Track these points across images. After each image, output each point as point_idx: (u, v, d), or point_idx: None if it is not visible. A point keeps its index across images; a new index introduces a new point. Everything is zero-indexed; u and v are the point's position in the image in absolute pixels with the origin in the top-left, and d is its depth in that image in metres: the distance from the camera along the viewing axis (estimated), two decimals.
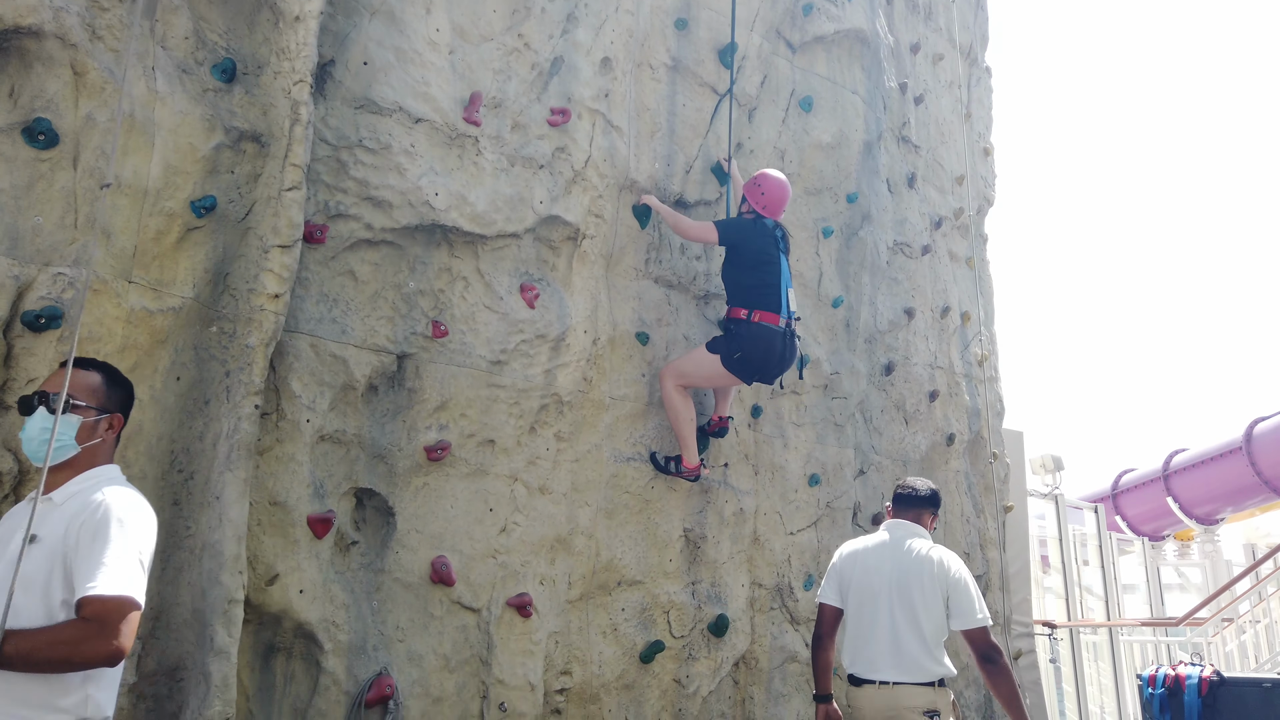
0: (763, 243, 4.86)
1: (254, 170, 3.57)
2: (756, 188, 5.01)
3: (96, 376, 2.42)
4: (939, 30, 8.33)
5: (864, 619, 3.94)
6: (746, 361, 4.72)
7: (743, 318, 4.75)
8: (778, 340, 4.76)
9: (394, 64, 3.99)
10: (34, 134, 3.02)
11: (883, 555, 4.02)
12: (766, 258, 4.83)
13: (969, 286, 8.30)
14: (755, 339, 4.71)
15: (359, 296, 3.94)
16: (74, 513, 2.19)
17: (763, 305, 4.75)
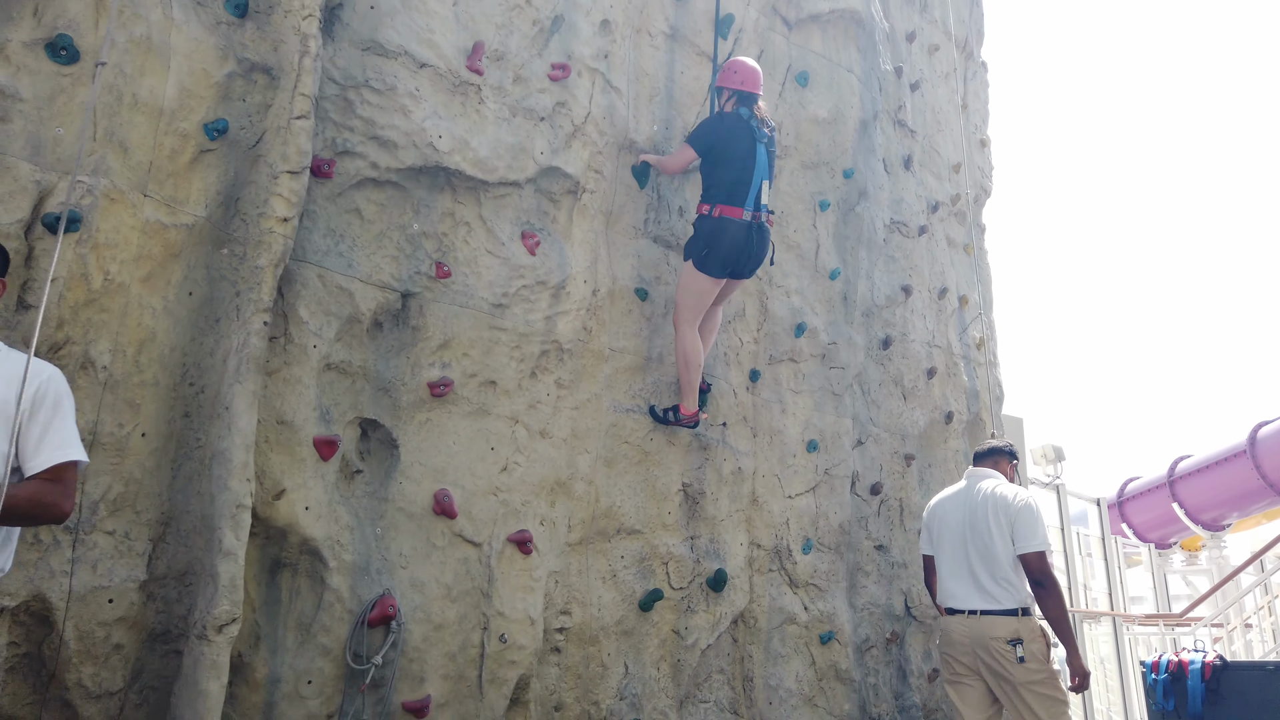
0: (735, 137, 4.91)
1: (264, 101, 3.71)
2: (730, 72, 5.10)
3: None
4: (935, 22, 8.52)
5: (947, 557, 4.45)
6: (714, 256, 4.79)
7: (705, 213, 4.87)
8: (741, 232, 4.84)
9: (400, 9, 4.15)
10: (56, 49, 3.17)
11: (959, 499, 4.56)
12: (738, 152, 4.89)
13: (967, 272, 8.41)
14: (718, 233, 4.80)
15: (365, 234, 4.06)
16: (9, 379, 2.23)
17: (726, 200, 4.83)
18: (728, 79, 5.12)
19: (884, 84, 7.27)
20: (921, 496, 7.01)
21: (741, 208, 4.85)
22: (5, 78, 3.05)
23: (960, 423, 7.58)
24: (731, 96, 5.11)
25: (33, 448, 2.24)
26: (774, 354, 5.98)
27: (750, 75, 5.09)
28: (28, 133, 3.10)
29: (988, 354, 8.54)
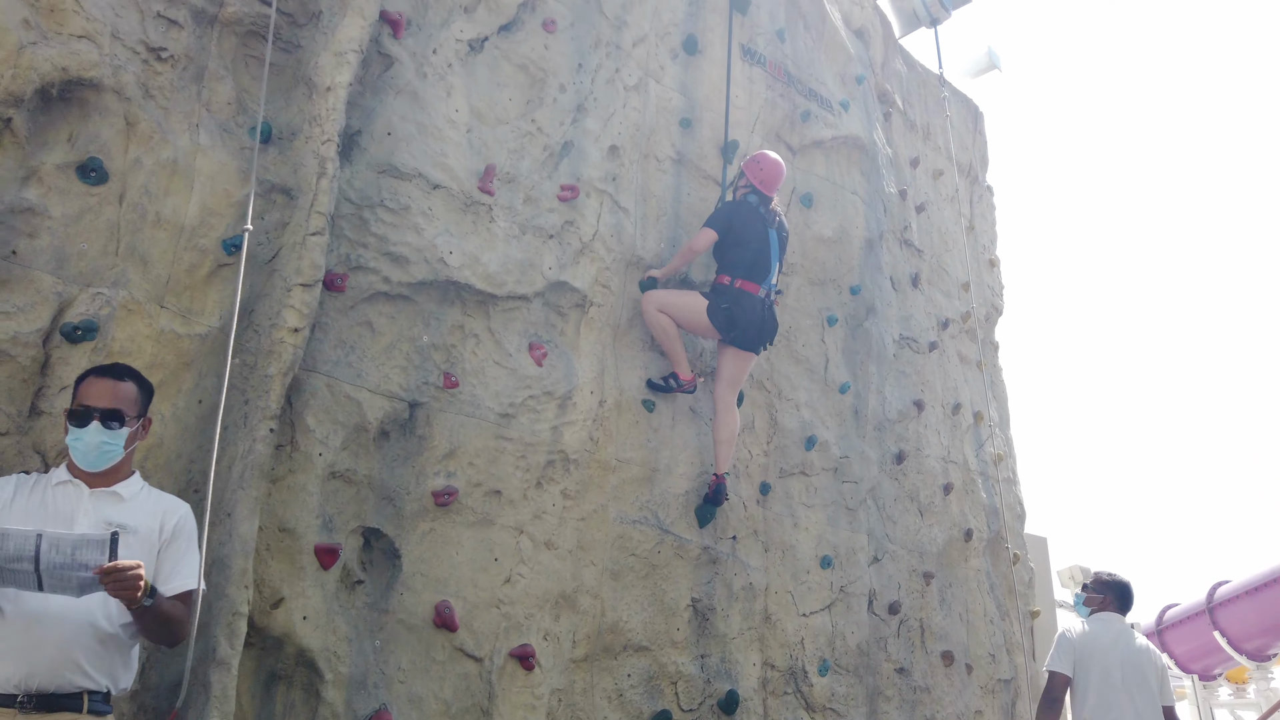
0: (750, 221, 5.23)
1: (282, 219, 3.89)
2: (755, 164, 5.43)
3: (133, 388, 2.76)
4: (938, 149, 8.82)
5: (1102, 688, 4.90)
6: (730, 318, 5.06)
7: (726, 284, 5.14)
8: (757, 307, 5.15)
9: (415, 136, 4.38)
10: (86, 171, 3.37)
11: (1115, 637, 5.04)
12: (754, 234, 5.21)
13: (981, 388, 8.41)
14: (739, 302, 5.09)
15: (375, 345, 4.17)
16: (154, 512, 2.72)
17: (746, 275, 5.14)
18: (753, 171, 5.44)
19: (889, 205, 7.47)
20: (943, 617, 6.81)
21: (759, 285, 5.17)
22: (36, 197, 3.24)
23: (980, 541, 7.42)
24: (748, 187, 5.41)
25: (168, 571, 2.67)
26: (785, 467, 5.95)
27: (771, 177, 5.42)
28: (54, 248, 3.26)
29: (1007, 471, 8.44)
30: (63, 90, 3.33)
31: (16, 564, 2.28)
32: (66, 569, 2.30)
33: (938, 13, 8.80)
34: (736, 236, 5.21)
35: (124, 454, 2.70)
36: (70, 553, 2.30)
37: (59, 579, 2.32)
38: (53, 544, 2.29)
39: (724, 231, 5.22)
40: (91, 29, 3.40)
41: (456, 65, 4.64)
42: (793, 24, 6.94)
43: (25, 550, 2.27)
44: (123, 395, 2.68)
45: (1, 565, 2.27)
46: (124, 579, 2.35)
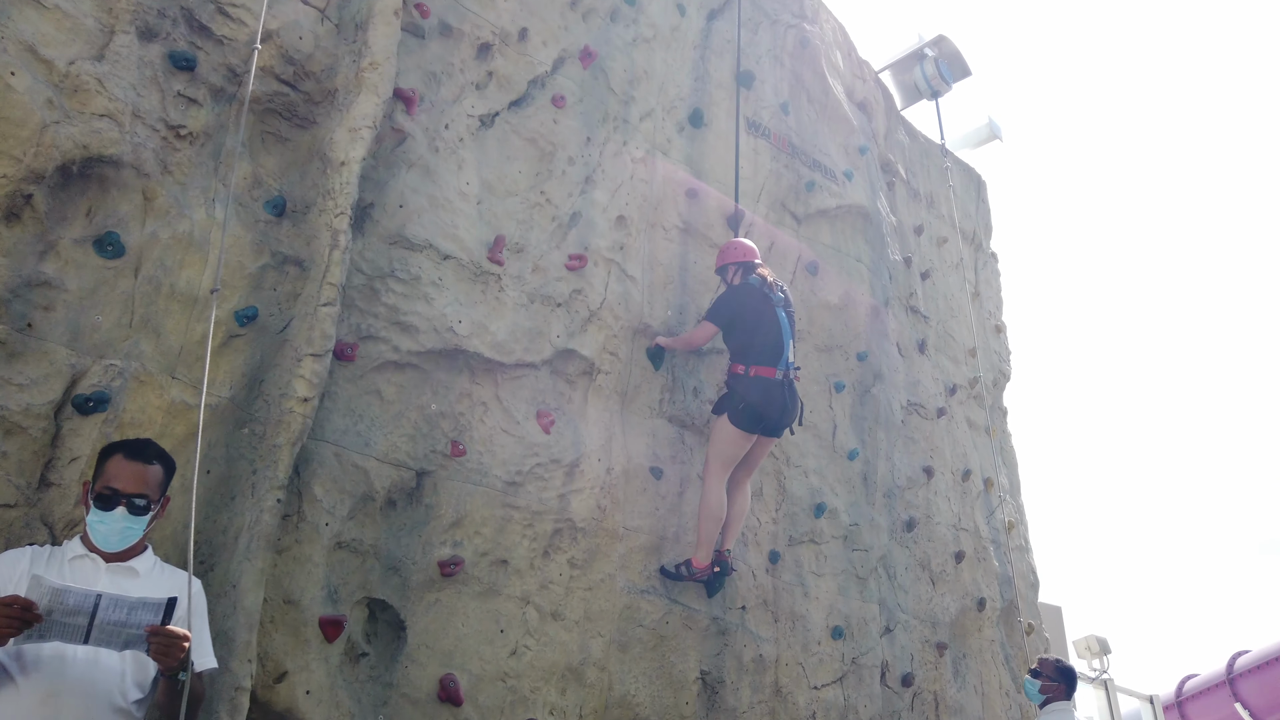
0: (753, 303, 5.16)
1: (294, 290, 3.94)
2: (725, 252, 5.45)
3: (160, 470, 2.80)
4: (941, 217, 8.92)
5: None
6: (751, 411, 4.95)
7: (740, 372, 5.05)
8: (776, 389, 5.04)
9: (426, 208, 4.45)
10: (104, 245, 3.43)
11: None
12: (760, 317, 5.13)
13: (990, 454, 8.36)
14: (755, 389, 4.98)
15: (384, 414, 4.18)
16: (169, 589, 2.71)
17: (759, 360, 5.05)
18: (726, 257, 5.47)
19: (894, 273, 7.53)
20: (957, 689, 6.67)
21: (774, 367, 5.07)
22: (53, 271, 3.29)
23: (994, 610, 7.30)
24: (736, 270, 5.41)
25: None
26: (794, 535, 5.90)
27: (743, 247, 5.44)
28: (68, 320, 3.30)
29: (1019, 538, 8.34)
30: (83, 167, 3.41)
31: (71, 618, 2.34)
32: (119, 626, 2.38)
33: (938, 85, 8.99)
34: (743, 323, 5.14)
35: (142, 534, 2.74)
36: (127, 612, 2.38)
37: (107, 634, 2.39)
38: (111, 603, 2.37)
39: (727, 323, 5.18)
40: (114, 108, 3.49)
41: (468, 139, 4.75)
42: (796, 97, 7.09)
43: (84, 606, 2.35)
44: (150, 480, 2.72)
45: (57, 619, 2.33)
46: (171, 643, 2.43)
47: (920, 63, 9.04)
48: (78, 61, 3.44)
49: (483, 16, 4.89)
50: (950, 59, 9.21)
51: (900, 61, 9.19)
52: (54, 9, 3.43)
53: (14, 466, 3.07)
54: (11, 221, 3.21)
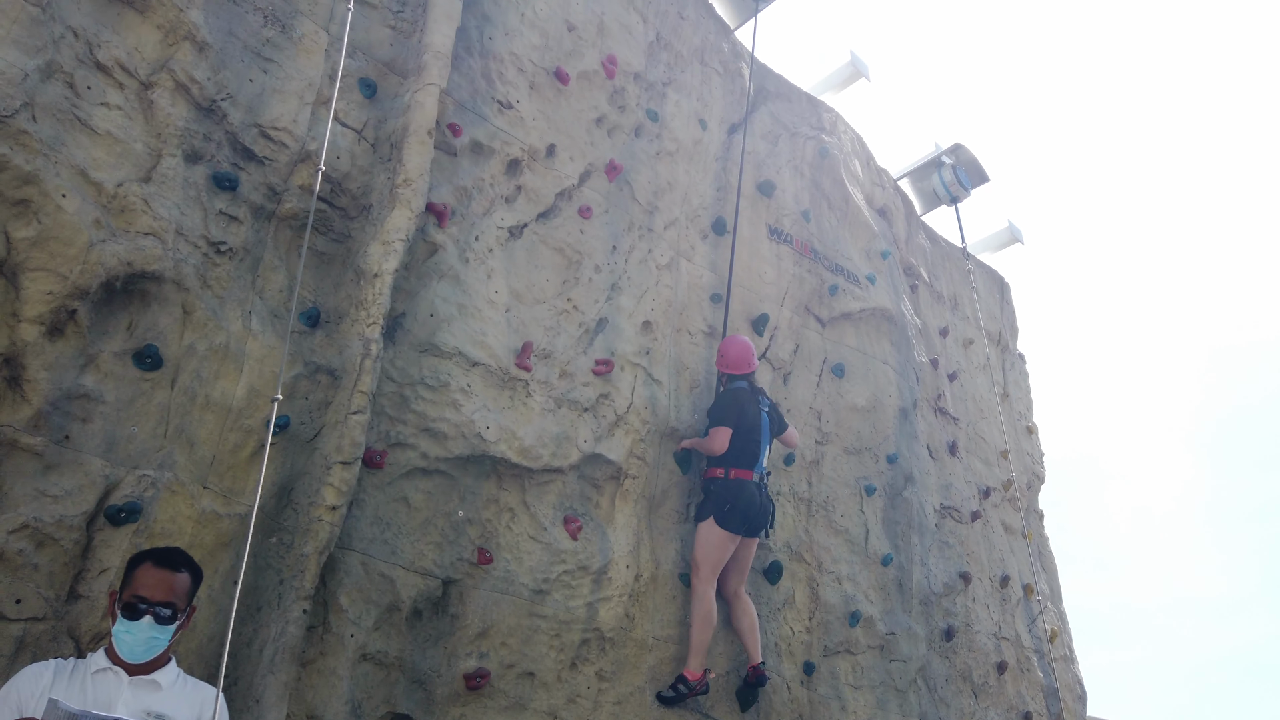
0: (746, 408, 5.24)
1: (325, 398, 3.99)
2: (720, 356, 5.51)
3: (187, 579, 2.78)
4: (966, 318, 8.95)
5: None
6: (735, 513, 4.98)
7: (720, 475, 5.11)
8: (754, 491, 5.11)
9: (456, 316, 4.54)
10: (142, 357, 3.51)
11: None
12: (751, 423, 5.22)
13: (1028, 559, 8.15)
14: (736, 492, 5.04)
15: (411, 522, 4.17)
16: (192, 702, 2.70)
17: (739, 464, 5.13)
18: (721, 364, 5.53)
19: (921, 374, 7.52)
20: None
21: (751, 470, 5.15)
22: (93, 384, 3.37)
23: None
24: (728, 377, 5.49)
25: None
26: (829, 645, 5.73)
27: (738, 355, 5.47)
28: (105, 432, 3.36)
29: (1063, 648, 8.04)
30: (126, 282, 3.53)
31: None
32: None
33: (957, 191, 9.15)
34: (737, 427, 5.20)
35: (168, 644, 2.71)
36: None
37: None
38: None
39: (737, 423, 5.21)
40: (158, 226, 3.63)
41: (497, 250, 4.87)
42: (817, 205, 7.24)
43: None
44: (178, 588, 2.70)
45: None
46: None
47: (938, 170, 9.22)
48: (126, 183, 3.60)
49: (512, 134, 5.08)
50: (968, 166, 9.40)
51: (918, 169, 9.38)
52: (105, 135, 3.61)
53: (44, 579, 3.08)
54: (55, 336, 3.30)
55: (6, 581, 3.00)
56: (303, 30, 4.43)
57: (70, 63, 3.56)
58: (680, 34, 6.61)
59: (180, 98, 3.89)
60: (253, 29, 4.25)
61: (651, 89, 6.18)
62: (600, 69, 5.77)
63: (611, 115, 5.79)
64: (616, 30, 5.99)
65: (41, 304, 3.25)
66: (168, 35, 3.91)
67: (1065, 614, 8.47)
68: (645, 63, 6.16)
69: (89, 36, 3.65)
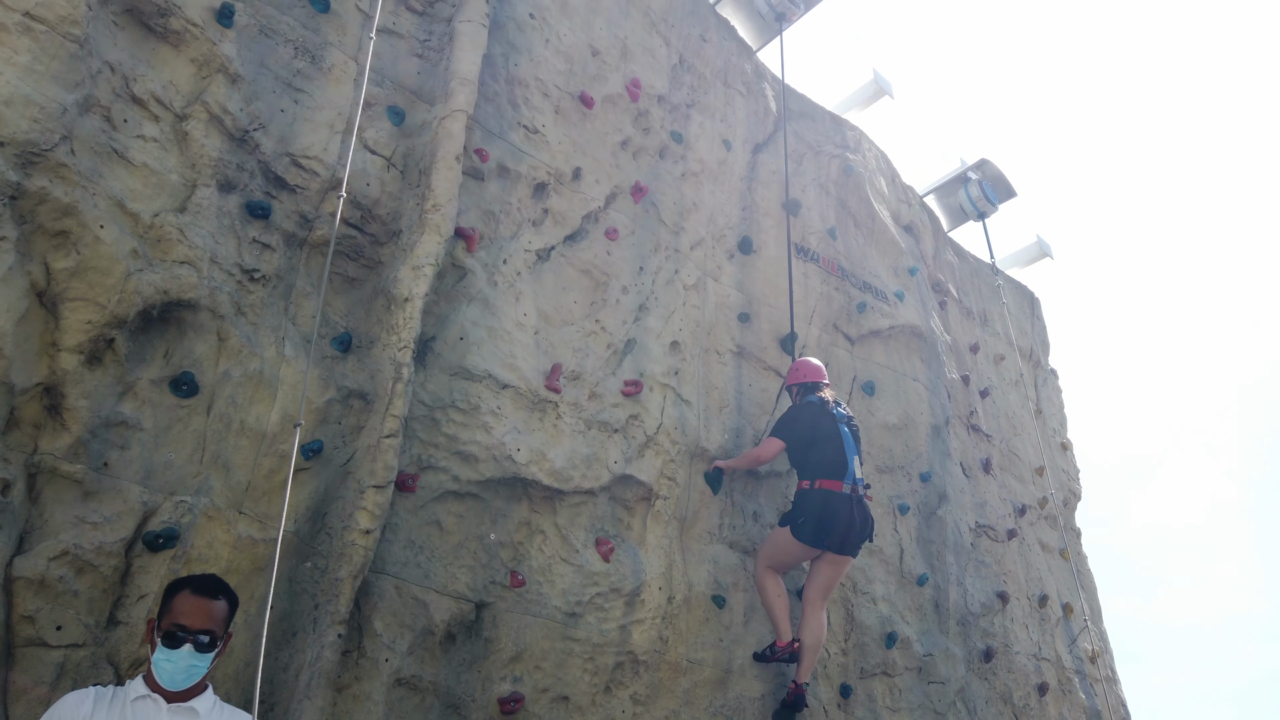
0: (818, 421, 5.19)
1: (358, 423, 4.02)
2: (795, 370, 5.55)
3: (224, 606, 2.78)
4: (997, 334, 8.87)
5: None
6: (814, 527, 4.92)
7: (806, 488, 5.04)
8: (844, 504, 4.97)
9: (486, 339, 4.56)
10: (179, 384, 3.55)
11: None
12: (824, 433, 5.14)
13: (1067, 578, 8.01)
14: (819, 505, 4.96)
15: (443, 545, 4.17)
16: None
17: (824, 474, 5.03)
18: (794, 376, 5.56)
19: (952, 391, 7.45)
20: None
21: (841, 481, 5.04)
22: (130, 411, 3.41)
23: None
24: (799, 389, 5.48)
25: None
26: (865, 667, 5.65)
27: (812, 369, 5.53)
28: (142, 458, 3.39)
29: (1105, 668, 7.88)
30: (163, 311, 3.58)
31: None
32: None
33: (984, 207, 9.09)
34: (808, 439, 5.17)
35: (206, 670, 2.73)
36: None
37: None
38: None
39: (791, 437, 5.21)
40: (193, 255, 3.69)
41: (525, 273, 4.89)
42: (843, 223, 7.22)
43: None
44: (216, 615, 2.71)
45: None
46: None
47: (964, 186, 9.18)
48: (162, 213, 3.66)
49: (538, 159, 5.12)
50: (994, 181, 9.35)
51: (944, 185, 9.35)
52: (142, 166, 3.68)
53: (84, 605, 3.11)
54: (94, 365, 3.35)
55: (47, 609, 3.03)
56: (332, 61, 4.50)
57: (107, 96, 3.63)
58: (703, 56, 6.65)
59: (214, 129, 3.96)
60: (284, 60, 4.32)
61: (675, 111, 6.22)
62: (624, 92, 5.81)
63: (636, 137, 5.83)
64: (639, 54, 6.04)
65: (80, 333, 3.31)
66: (201, 68, 3.99)
67: (1106, 634, 8.31)
68: (669, 85, 6.20)
69: (125, 71, 3.73)
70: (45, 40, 3.42)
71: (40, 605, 3.02)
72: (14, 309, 3.16)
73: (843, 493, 4.99)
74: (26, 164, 3.28)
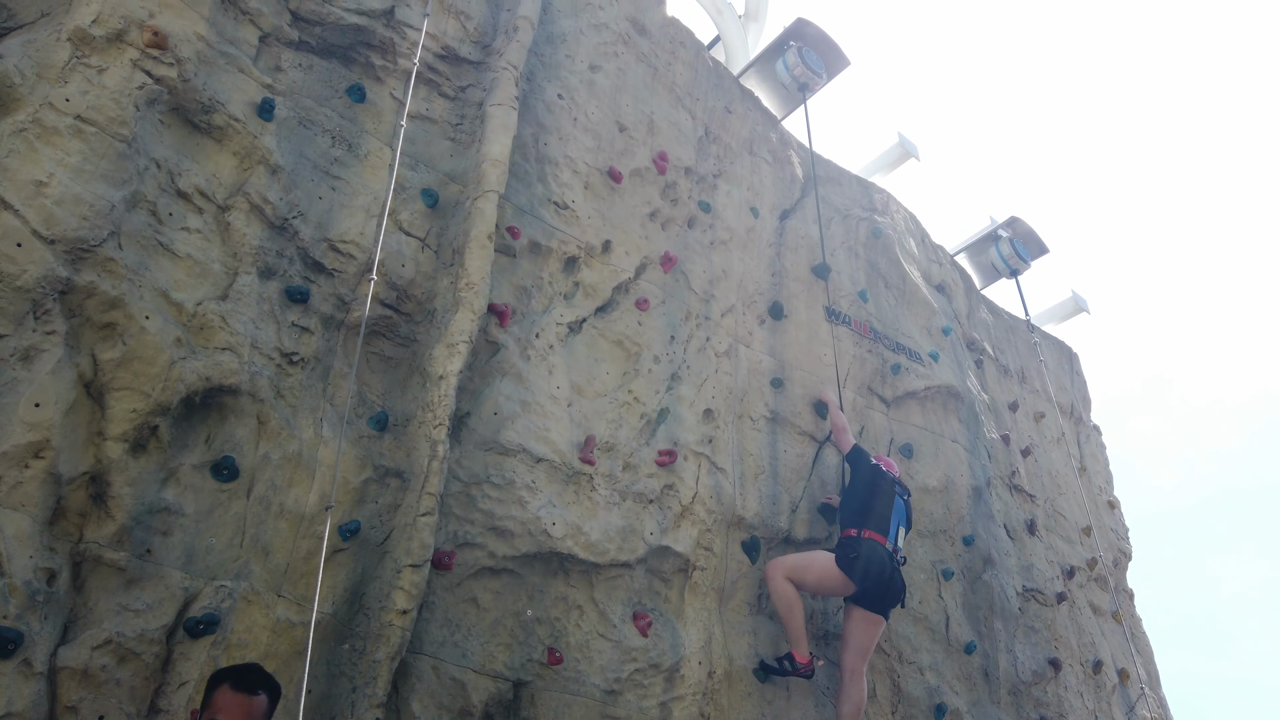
0: (877, 480, 5.32)
1: (394, 501, 4.05)
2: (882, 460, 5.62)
3: (264, 700, 2.78)
4: (1036, 392, 8.76)
5: None
6: (863, 567, 4.94)
7: (854, 535, 5.09)
8: (887, 559, 5.04)
9: (519, 414, 4.59)
10: (219, 469, 3.61)
11: None
12: (883, 490, 5.27)
13: (1121, 642, 7.76)
14: (867, 551, 4.99)
15: (480, 623, 4.15)
16: None
17: (872, 526, 5.10)
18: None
19: (992, 451, 7.34)
20: None
21: (885, 536, 5.11)
22: (173, 497, 3.47)
23: None
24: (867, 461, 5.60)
25: None
26: None
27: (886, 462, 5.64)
28: (184, 544, 3.44)
29: None
30: (205, 397, 3.66)
31: None
32: None
33: (1016, 264, 9.06)
34: (866, 481, 5.32)
35: None
36: None
37: None
38: None
39: (853, 465, 5.45)
40: (234, 342, 3.78)
41: (557, 346, 4.94)
42: (873, 285, 7.23)
43: None
44: (256, 711, 2.70)
45: None
46: None
47: (995, 243, 9.17)
48: (205, 302, 3.77)
49: (568, 233, 5.21)
50: (1025, 238, 9.32)
51: (975, 244, 9.34)
52: (186, 257, 3.80)
53: (126, 694, 3.13)
54: (138, 452, 3.42)
55: (90, 698, 3.06)
56: (368, 148, 4.64)
57: (153, 192, 3.78)
58: (728, 127, 6.77)
59: (255, 218, 4.09)
60: (321, 149, 4.47)
61: (702, 181, 6.31)
62: (652, 165, 5.92)
63: (664, 209, 5.91)
64: (666, 128, 6.16)
65: (126, 422, 3.39)
66: (243, 161, 4.14)
67: (1165, 699, 8.00)
68: (695, 156, 6.31)
69: (170, 166, 3.88)
70: (95, 141, 3.58)
71: (83, 695, 3.05)
72: (63, 400, 3.25)
73: (885, 547, 5.09)
74: (76, 260, 3.41)
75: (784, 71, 7.59)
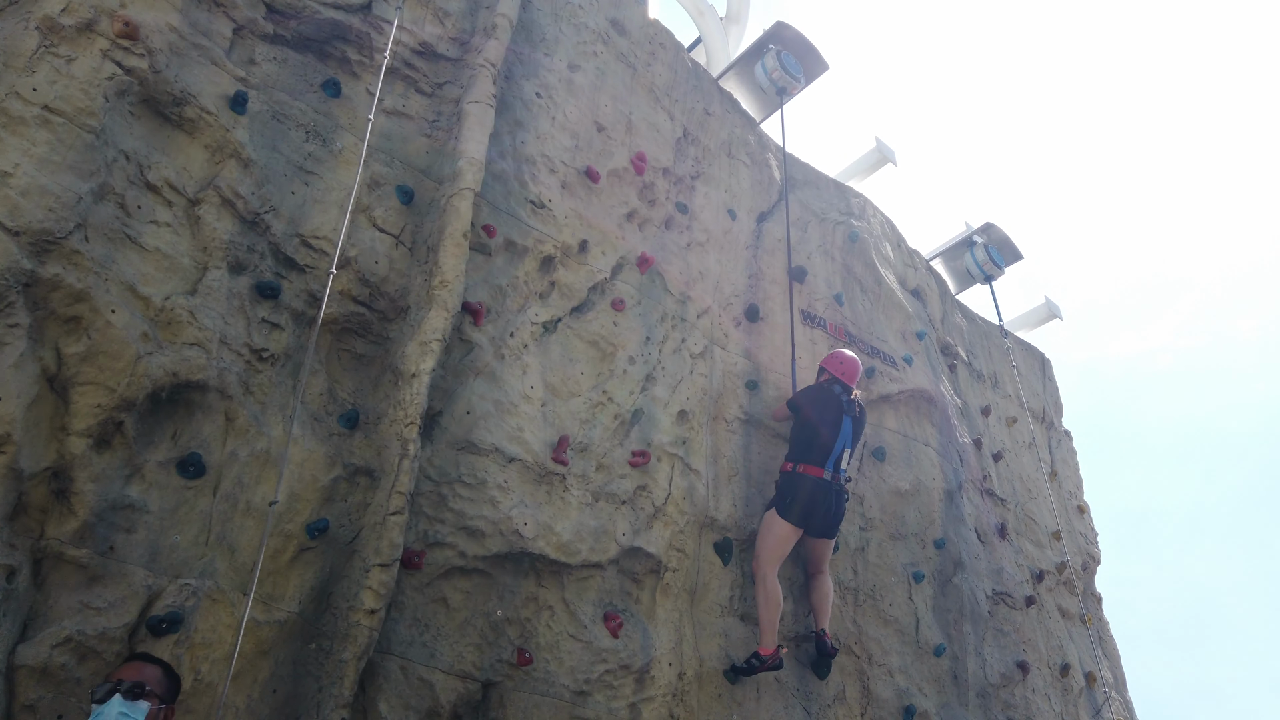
0: (825, 406, 5.51)
1: (364, 500, 4.01)
2: (835, 359, 5.84)
3: (158, 670, 2.79)
4: (1008, 397, 8.83)
5: None
6: (800, 509, 5.19)
7: (789, 470, 5.36)
8: (820, 489, 5.27)
9: (493, 413, 4.57)
10: (186, 466, 3.57)
11: None
12: (826, 418, 5.45)
13: (1089, 645, 7.84)
14: (800, 487, 5.24)
15: (450, 623, 4.13)
16: None
17: (808, 460, 5.35)
18: (830, 364, 5.86)
19: (964, 455, 7.39)
20: None
21: (821, 468, 5.33)
22: (137, 494, 3.42)
23: None
24: (829, 376, 5.80)
25: None
26: None
27: (850, 370, 5.80)
28: (148, 541, 3.40)
29: None
30: (172, 393, 3.61)
31: None
32: None
33: (990, 270, 9.13)
34: (808, 420, 5.50)
35: None
36: None
37: None
38: None
39: (795, 410, 5.62)
40: (202, 337, 3.74)
41: (532, 345, 4.92)
42: (849, 289, 7.26)
43: None
44: (149, 674, 2.73)
45: None
46: None
47: (970, 249, 9.24)
48: (173, 296, 3.72)
49: (545, 233, 5.19)
50: (1000, 244, 9.40)
51: (950, 249, 9.41)
52: (154, 251, 3.75)
53: (85, 693, 3.08)
54: (102, 448, 3.37)
55: (49, 697, 3.01)
56: (343, 143, 4.60)
57: (122, 184, 3.72)
58: (707, 129, 6.77)
59: (225, 212, 4.04)
60: (295, 144, 4.43)
61: (680, 183, 6.31)
62: (630, 166, 5.91)
63: (642, 209, 5.91)
64: (644, 129, 6.16)
65: (90, 417, 3.34)
66: (214, 154, 4.09)
67: (1131, 702, 8.09)
68: (673, 158, 6.31)
69: (140, 158, 3.83)
70: (62, 131, 3.52)
71: (42, 694, 3.00)
72: (24, 394, 3.19)
73: (822, 479, 5.30)
74: (41, 252, 3.35)
75: (762, 75, 7.62)
